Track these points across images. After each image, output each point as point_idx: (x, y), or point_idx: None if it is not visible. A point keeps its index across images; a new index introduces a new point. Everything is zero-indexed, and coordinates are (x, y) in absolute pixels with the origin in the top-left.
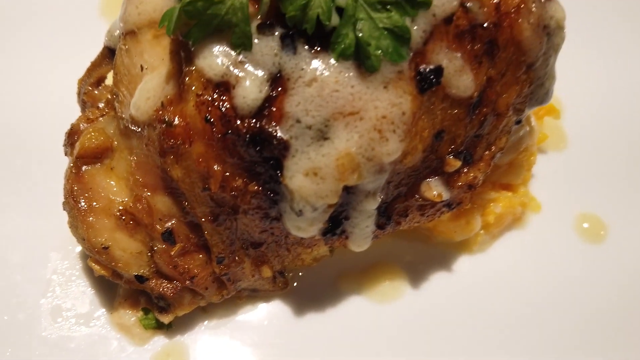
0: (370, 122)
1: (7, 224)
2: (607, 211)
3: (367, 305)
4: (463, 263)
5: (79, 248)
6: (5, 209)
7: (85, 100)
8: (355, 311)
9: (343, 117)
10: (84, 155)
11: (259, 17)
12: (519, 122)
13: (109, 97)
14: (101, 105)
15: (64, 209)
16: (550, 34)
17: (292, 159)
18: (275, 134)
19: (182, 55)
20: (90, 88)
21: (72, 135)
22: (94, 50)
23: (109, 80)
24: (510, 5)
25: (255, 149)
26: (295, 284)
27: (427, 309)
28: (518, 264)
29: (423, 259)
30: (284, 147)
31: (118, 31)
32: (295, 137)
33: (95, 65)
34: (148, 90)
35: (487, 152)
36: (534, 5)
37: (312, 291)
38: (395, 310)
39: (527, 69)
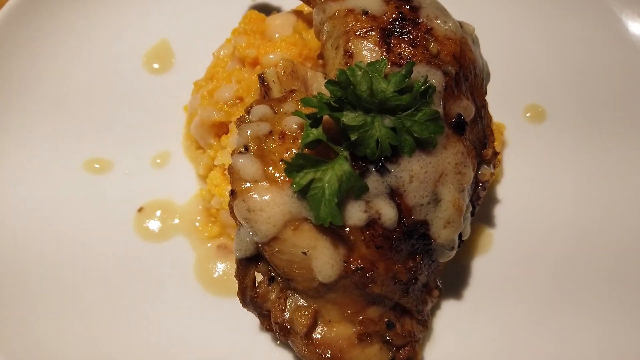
0: (452, 172)
1: None
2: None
3: None
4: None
5: None
6: None
7: (257, 302)
8: None
9: (437, 181)
10: (309, 331)
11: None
12: None
13: (274, 286)
14: (272, 297)
15: None
16: (475, 42)
17: (433, 228)
18: (417, 221)
19: (335, 227)
20: (252, 294)
21: (284, 328)
22: None
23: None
24: (457, 51)
25: (411, 238)
26: None
27: None
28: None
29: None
30: (426, 224)
31: (248, 239)
32: (426, 213)
33: (242, 279)
34: (326, 262)
35: (488, 129)
36: (464, 37)
37: None
38: None
39: (480, 73)
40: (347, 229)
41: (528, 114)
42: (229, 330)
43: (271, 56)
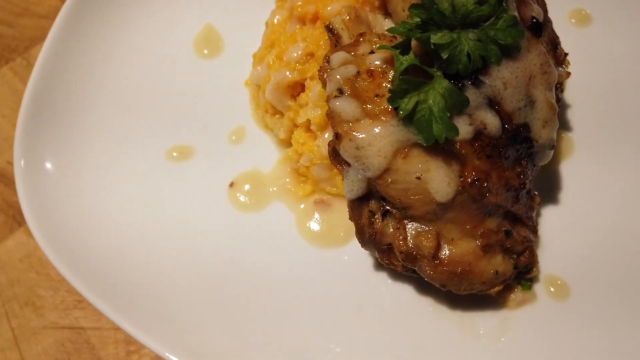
0: (539, 73)
1: None
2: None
3: None
4: None
5: None
6: None
7: (376, 238)
8: None
9: (528, 84)
10: (436, 252)
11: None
12: None
13: (389, 219)
14: (390, 230)
15: (449, 288)
16: None
17: (534, 129)
18: (518, 125)
19: (444, 145)
20: (370, 232)
21: (410, 255)
22: None
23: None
24: None
25: (516, 143)
26: None
27: None
28: None
29: None
30: (527, 126)
31: (360, 176)
32: (524, 116)
33: (358, 219)
34: (442, 180)
35: (553, 32)
36: None
37: None
38: None
39: None
40: (457, 145)
41: (573, 20)
42: (341, 278)
43: (329, 8)
